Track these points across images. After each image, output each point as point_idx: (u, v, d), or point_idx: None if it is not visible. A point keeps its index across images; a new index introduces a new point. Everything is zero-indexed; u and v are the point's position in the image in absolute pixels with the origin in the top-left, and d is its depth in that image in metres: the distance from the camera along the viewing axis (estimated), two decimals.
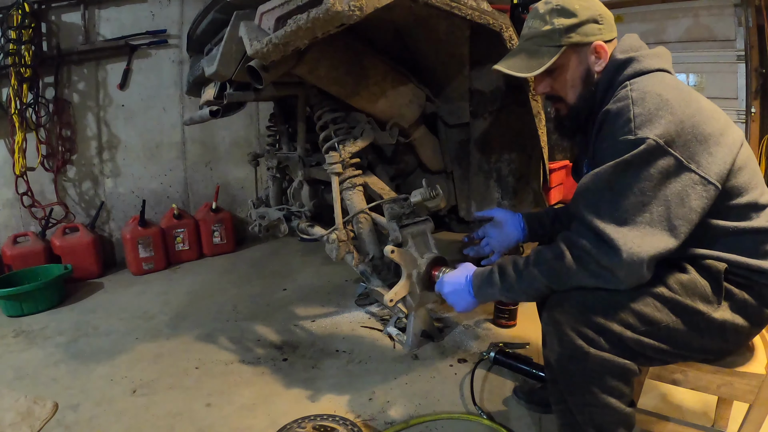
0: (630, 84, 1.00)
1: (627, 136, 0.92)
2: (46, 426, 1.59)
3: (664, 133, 0.90)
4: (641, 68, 1.03)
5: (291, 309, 2.48)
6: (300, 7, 1.18)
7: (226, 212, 3.56)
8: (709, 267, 0.98)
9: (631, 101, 0.95)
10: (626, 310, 0.95)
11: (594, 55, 1.09)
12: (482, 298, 1.14)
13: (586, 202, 0.98)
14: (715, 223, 0.99)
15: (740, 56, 3.18)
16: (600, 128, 1.02)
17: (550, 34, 1.09)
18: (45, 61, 2.98)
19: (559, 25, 1.08)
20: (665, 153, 0.90)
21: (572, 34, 1.07)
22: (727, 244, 0.99)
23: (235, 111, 2.26)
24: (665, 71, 1.04)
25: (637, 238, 0.90)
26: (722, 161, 0.94)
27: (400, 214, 1.55)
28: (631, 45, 1.07)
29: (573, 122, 1.18)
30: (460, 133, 1.97)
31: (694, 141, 0.92)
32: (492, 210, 1.44)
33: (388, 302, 1.44)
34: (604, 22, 1.09)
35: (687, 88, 1.00)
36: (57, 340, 2.23)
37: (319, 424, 1.49)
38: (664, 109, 0.92)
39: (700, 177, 0.92)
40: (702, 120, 0.94)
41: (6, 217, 3.09)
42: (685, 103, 0.94)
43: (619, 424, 0.99)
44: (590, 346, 0.95)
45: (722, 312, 0.98)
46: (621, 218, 0.92)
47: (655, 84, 0.97)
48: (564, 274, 0.98)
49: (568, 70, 1.11)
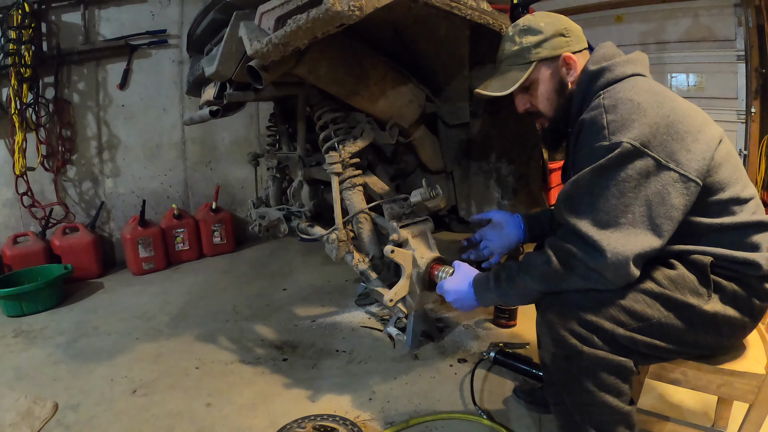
0: (603, 93, 1.03)
1: (602, 142, 0.95)
2: (46, 426, 1.59)
3: (638, 136, 0.92)
4: (614, 77, 1.05)
5: (291, 309, 2.48)
6: (300, 7, 1.18)
7: (226, 212, 3.56)
8: (696, 261, 1.00)
9: (604, 109, 0.98)
10: (617, 307, 0.97)
11: (564, 66, 1.14)
12: (484, 303, 1.18)
13: (569, 208, 1.00)
14: (698, 220, 1.00)
15: (740, 56, 3.17)
16: (577, 138, 1.06)
17: (520, 53, 1.16)
18: (45, 61, 2.99)
19: (527, 43, 1.15)
20: (642, 154, 0.92)
21: (540, 49, 1.14)
22: (711, 239, 1.01)
23: (235, 111, 2.26)
24: (639, 75, 1.06)
25: (621, 239, 0.91)
26: (701, 157, 0.96)
27: (400, 214, 1.55)
28: (604, 55, 1.10)
29: (554, 134, 1.22)
30: (460, 133, 1.97)
31: (671, 140, 0.94)
32: (489, 212, 1.45)
33: (388, 302, 1.44)
34: (570, 35, 1.15)
35: (660, 90, 1.02)
36: (57, 340, 2.23)
37: (319, 424, 1.50)
38: (636, 112, 0.94)
39: (680, 174, 0.94)
40: (677, 119, 0.96)
41: (6, 217, 3.09)
42: (658, 104, 0.96)
43: (618, 422, 0.99)
44: (584, 345, 0.96)
45: (713, 304, 0.98)
46: (603, 221, 0.93)
47: (627, 89, 1.00)
48: (553, 278, 0.99)
49: (541, 84, 1.16)
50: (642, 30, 3.55)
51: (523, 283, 1.04)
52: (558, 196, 1.05)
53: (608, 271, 0.92)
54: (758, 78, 3.08)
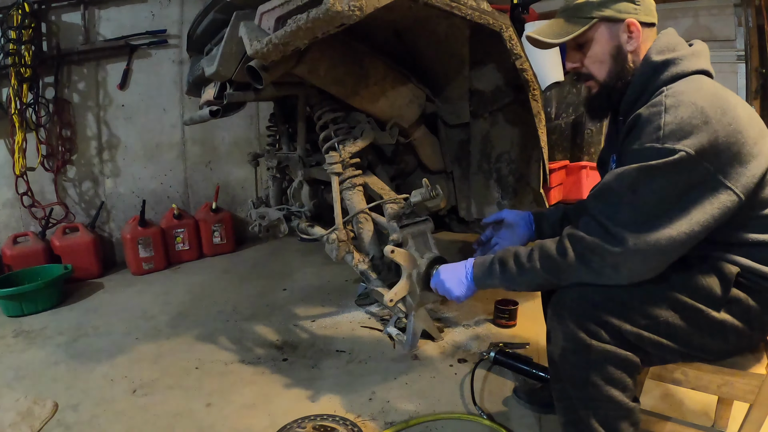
0: (666, 89, 0.97)
1: (654, 144, 0.91)
2: (46, 426, 1.59)
3: (696, 144, 0.89)
4: (678, 72, 1.00)
5: (291, 309, 2.48)
6: (300, 7, 1.18)
7: (226, 212, 3.56)
8: (722, 269, 0.98)
9: (664, 108, 0.93)
10: (625, 304, 0.97)
11: (626, 33, 1.06)
12: (481, 286, 1.15)
13: (605, 200, 0.98)
14: (735, 232, 0.98)
15: (740, 56, 3.18)
16: (629, 131, 1.00)
17: (582, 6, 1.08)
18: (45, 61, 2.99)
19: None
20: (696, 164, 0.89)
21: (605, 9, 1.05)
22: (743, 251, 0.99)
23: (235, 111, 2.26)
24: (704, 72, 1.02)
25: (650, 241, 0.90)
26: (752, 174, 0.93)
27: (400, 214, 1.54)
28: (668, 44, 1.04)
29: (603, 101, 1.14)
30: (460, 133, 1.97)
31: (728, 151, 0.91)
32: (501, 212, 1.43)
33: (388, 302, 1.44)
34: (641, 4, 1.06)
35: (725, 94, 0.97)
36: (57, 340, 2.23)
37: (319, 424, 1.50)
38: (698, 118, 0.90)
39: (727, 187, 0.91)
40: (737, 129, 0.92)
41: (6, 217, 3.09)
42: (722, 111, 0.91)
43: (623, 418, 1.00)
44: (592, 339, 0.96)
45: (723, 313, 0.98)
46: (637, 221, 0.92)
47: (692, 91, 0.94)
48: (565, 270, 0.99)
49: (597, 44, 1.08)
50: None
51: (534, 271, 1.03)
52: (598, 185, 1.02)
53: (627, 268, 0.92)
54: (758, 78, 3.09)
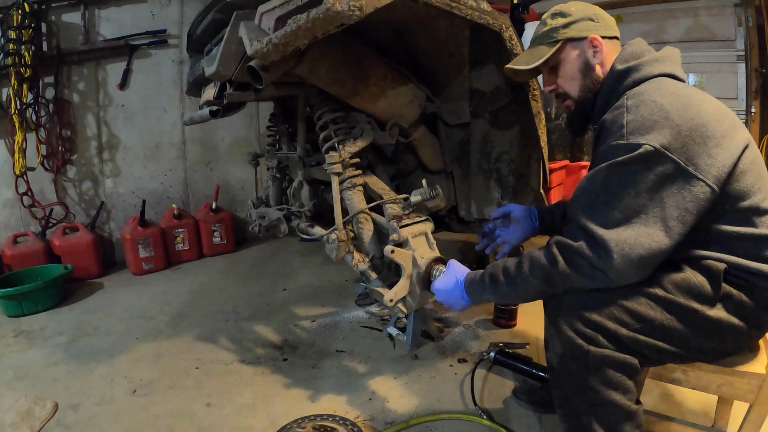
0: (628, 93, 1.03)
1: (619, 141, 0.95)
2: (46, 426, 1.59)
3: (659, 138, 0.92)
4: (640, 77, 1.05)
5: (291, 309, 2.48)
6: (300, 7, 1.18)
7: (226, 212, 3.56)
8: (709, 267, 0.99)
9: (626, 109, 0.98)
10: (620, 308, 0.97)
11: (591, 48, 1.15)
12: (476, 301, 1.18)
13: (582, 204, 1.00)
14: (715, 227, 0.99)
15: (740, 56, 3.18)
16: (598, 136, 1.06)
17: (548, 33, 1.19)
18: (45, 61, 2.99)
19: (555, 24, 1.18)
20: (662, 156, 0.92)
21: (567, 30, 1.17)
22: (727, 246, 1.00)
23: (235, 111, 2.26)
24: (668, 75, 1.05)
25: (630, 239, 0.91)
26: (722, 164, 0.94)
27: (400, 214, 1.54)
28: (632, 53, 1.10)
29: (580, 116, 1.23)
30: (460, 133, 1.97)
31: (692, 143, 0.93)
32: (508, 206, 1.46)
33: (388, 302, 1.44)
34: (599, 21, 1.17)
35: (687, 92, 1.00)
36: (57, 340, 2.23)
37: (319, 424, 1.50)
38: (658, 114, 0.94)
39: (697, 179, 0.93)
40: (702, 122, 0.94)
41: (6, 217, 3.09)
42: (683, 106, 0.95)
43: (626, 421, 0.99)
44: (589, 344, 0.96)
45: (717, 311, 0.98)
46: (615, 219, 0.93)
47: (652, 91, 0.99)
48: (557, 278, 0.99)
49: (567, 64, 1.18)
50: (642, 30, 3.55)
51: (526, 283, 1.04)
52: (574, 191, 1.05)
53: (613, 270, 0.92)
54: (758, 78, 3.09)
